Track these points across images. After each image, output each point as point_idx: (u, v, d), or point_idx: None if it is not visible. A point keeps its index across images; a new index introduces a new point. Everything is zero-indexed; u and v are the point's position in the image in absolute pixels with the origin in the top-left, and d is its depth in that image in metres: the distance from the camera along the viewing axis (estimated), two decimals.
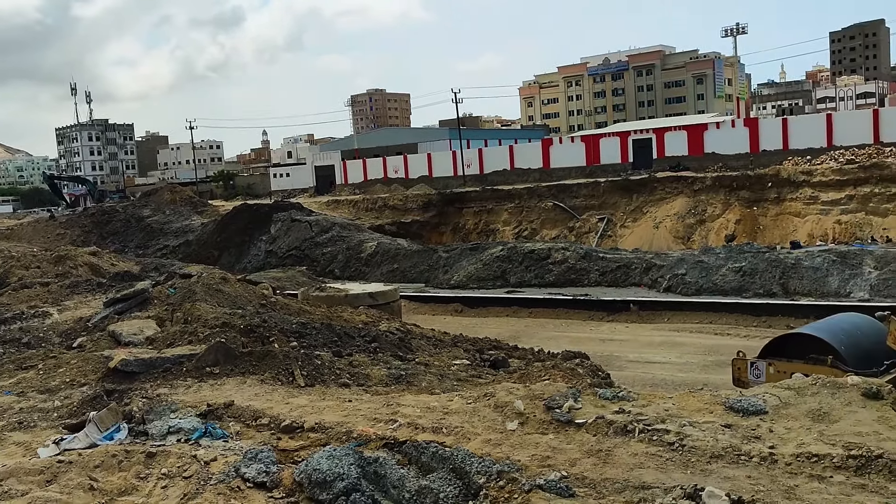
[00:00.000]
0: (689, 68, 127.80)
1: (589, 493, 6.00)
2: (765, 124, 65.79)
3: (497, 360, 12.84)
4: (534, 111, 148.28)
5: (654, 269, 31.24)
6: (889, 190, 50.18)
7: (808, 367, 12.73)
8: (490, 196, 65.19)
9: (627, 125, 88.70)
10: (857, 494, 5.59)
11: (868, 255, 27.90)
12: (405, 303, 29.16)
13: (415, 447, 7.12)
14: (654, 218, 57.42)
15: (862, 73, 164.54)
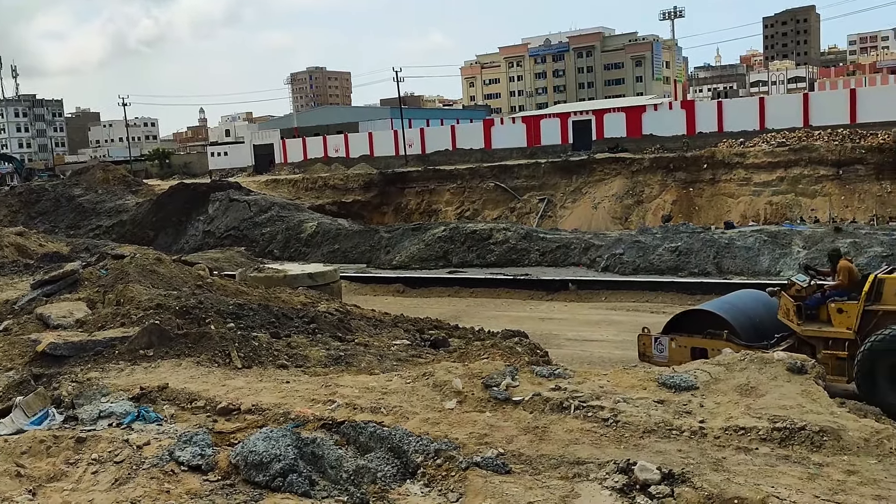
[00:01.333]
0: (629, 50, 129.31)
1: (525, 470, 6.08)
2: (701, 107, 67.12)
3: (437, 339, 12.87)
4: (476, 91, 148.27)
5: (592, 249, 31.71)
6: (817, 172, 51.84)
7: (706, 342, 13.60)
8: (432, 176, 65.07)
9: (568, 106, 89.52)
10: (780, 465, 5.79)
11: (797, 236, 28.80)
12: (346, 284, 28.97)
13: (353, 427, 7.11)
14: (594, 199, 58.22)
15: (793, 58, 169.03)
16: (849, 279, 13.18)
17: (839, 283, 13.28)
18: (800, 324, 13.20)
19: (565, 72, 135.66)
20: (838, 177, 51.28)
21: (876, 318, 12.42)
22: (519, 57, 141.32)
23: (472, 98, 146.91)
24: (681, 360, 13.35)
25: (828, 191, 51.28)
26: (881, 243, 25.97)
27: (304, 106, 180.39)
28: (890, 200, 49.47)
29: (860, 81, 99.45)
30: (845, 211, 49.45)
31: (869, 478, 5.54)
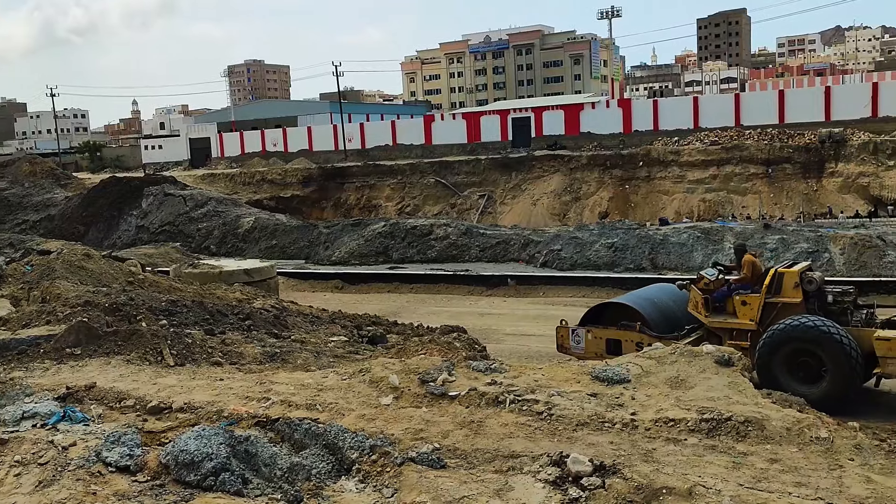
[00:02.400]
0: (567, 49, 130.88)
1: (460, 464, 6.10)
2: (637, 105, 68.42)
3: (375, 335, 12.84)
4: (416, 87, 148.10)
5: (531, 245, 32.04)
6: (748, 170, 53.43)
7: (620, 333, 14.20)
8: (372, 171, 64.82)
9: (507, 103, 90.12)
10: (708, 455, 5.95)
11: (729, 232, 29.58)
12: (284, 280, 28.66)
13: (287, 424, 7.03)
14: (533, 195, 58.84)
15: (726, 59, 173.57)
16: (752, 273, 13.77)
17: (743, 276, 13.88)
18: (707, 316, 13.80)
19: (505, 69, 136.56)
20: (768, 175, 52.95)
21: (776, 309, 13.09)
22: (459, 53, 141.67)
23: (413, 94, 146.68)
24: (596, 350, 14.06)
25: (758, 188, 52.91)
26: (807, 239, 26.88)
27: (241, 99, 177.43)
28: (816, 198, 51.29)
29: (788, 83, 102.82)
30: (774, 208, 51.10)
31: (790, 465, 5.73)
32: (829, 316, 12.85)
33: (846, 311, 13.16)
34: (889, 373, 12.41)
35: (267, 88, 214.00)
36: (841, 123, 54.46)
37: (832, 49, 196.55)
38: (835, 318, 12.83)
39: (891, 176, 49.31)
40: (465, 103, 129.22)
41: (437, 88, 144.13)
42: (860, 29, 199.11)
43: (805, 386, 11.83)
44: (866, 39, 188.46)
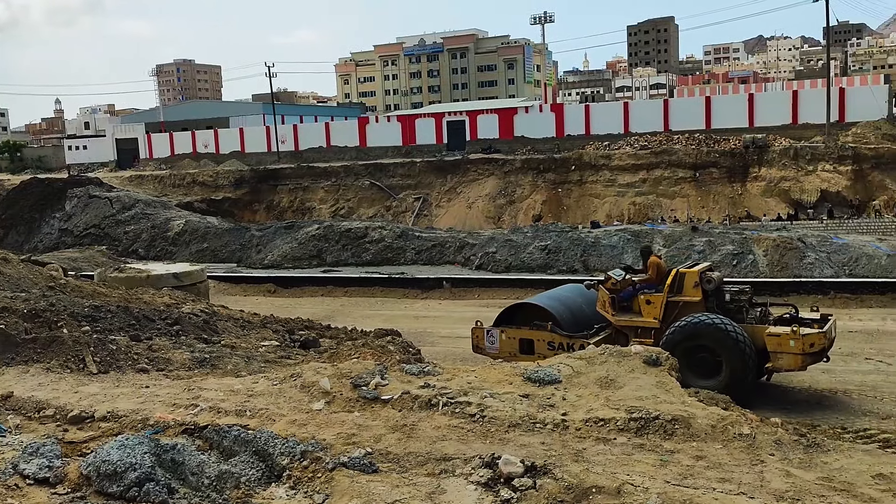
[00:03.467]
0: (501, 53, 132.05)
1: (392, 468, 6.07)
2: (569, 110, 69.47)
3: (308, 340, 12.67)
4: (350, 89, 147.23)
5: (467, 248, 32.18)
6: (676, 174, 54.83)
7: (532, 332, 14.58)
8: (306, 173, 64.15)
9: (442, 106, 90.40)
10: (636, 454, 6.05)
11: (658, 234, 30.25)
12: (215, 284, 28.08)
13: (216, 431, 6.88)
14: (468, 198, 59.15)
15: (655, 66, 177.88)
16: (657, 273, 14.26)
17: (648, 277, 14.38)
18: (614, 315, 14.28)
19: (440, 72, 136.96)
20: (695, 179, 54.44)
21: (677, 308, 13.64)
22: (394, 56, 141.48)
23: (347, 96, 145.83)
24: (510, 350, 14.46)
25: (686, 192, 54.34)
26: (733, 241, 27.67)
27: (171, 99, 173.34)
28: (741, 201, 52.97)
29: (714, 90, 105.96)
30: (701, 211, 52.55)
31: (715, 462, 5.88)
32: (726, 314, 13.46)
33: (742, 308, 13.81)
34: (779, 367, 13.09)
35: (197, 89, 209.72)
36: (764, 129, 56.39)
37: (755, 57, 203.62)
38: (732, 315, 13.45)
39: (810, 180, 51.25)
40: (400, 106, 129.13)
41: (371, 91, 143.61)
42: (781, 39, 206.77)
43: (703, 379, 12.29)
44: (787, 49, 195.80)
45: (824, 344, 12.95)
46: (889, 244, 26.81)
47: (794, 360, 12.74)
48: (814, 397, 13.48)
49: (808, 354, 12.77)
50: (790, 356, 12.72)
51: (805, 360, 12.82)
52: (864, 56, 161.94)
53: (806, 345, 12.66)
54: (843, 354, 16.00)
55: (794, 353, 12.67)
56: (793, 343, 12.65)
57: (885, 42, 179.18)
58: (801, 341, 12.63)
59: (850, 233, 36.40)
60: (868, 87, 63.76)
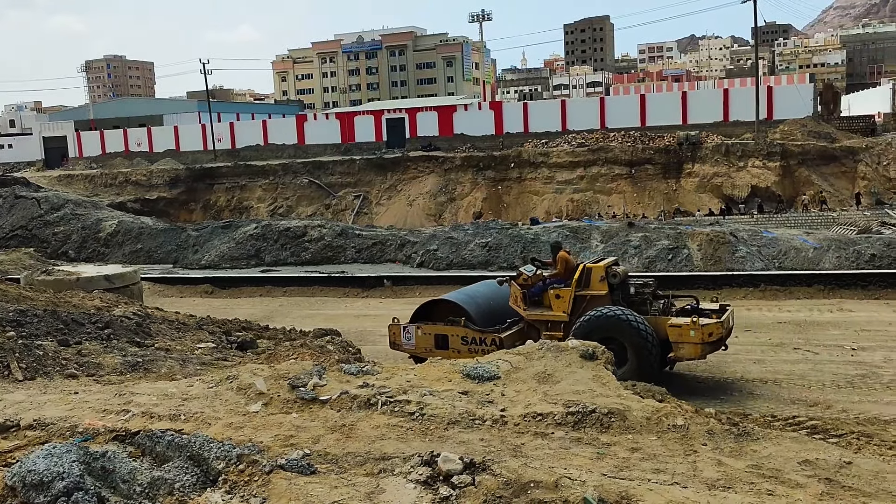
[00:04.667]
0: (440, 51, 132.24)
1: (331, 469, 6.00)
2: (508, 108, 69.99)
3: (245, 341, 12.47)
4: (288, 86, 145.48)
5: (408, 246, 32.13)
6: (613, 171, 55.79)
7: (447, 328, 14.87)
8: (243, 172, 63.20)
9: (381, 104, 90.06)
10: (574, 447, 6.12)
11: (596, 230, 30.71)
12: (150, 285, 27.43)
13: (149, 437, 6.69)
14: (408, 196, 59.11)
15: (591, 64, 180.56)
16: (565, 269, 14.63)
17: (557, 272, 14.74)
18: (526, 309, 14.62)
19: (378, 69, 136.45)
20: (631, 175, 55.49)
21: (585, 302, 14.08)
22: (332, 53, 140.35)
23: (285, 93, 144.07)
24: (426, 346, 14.71)
25: (622, 188, 55.35)
26: (668, 237, 28.27)
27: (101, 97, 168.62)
28: (675, 197, 54.21)
29: (649, 88, 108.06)
30: (637, 207, 53.59)
31: (650, 453, 5.98)
32: (631, 306, 13.95)
33: (646, 301, 14.31)
34: (680, 356, 13.55)
35: (129, 86, 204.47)
36: (697, 127, 57.80)
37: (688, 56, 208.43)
38: (636, 307, 13.94)
39: (741, 176, 52.74)
40: (339, 103, 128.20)
41: (309, 88, 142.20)
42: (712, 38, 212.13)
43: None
44: (718, 48, 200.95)
45: (722, 333, 13.51)
46: (815, 237, 27.76)
47: (694, 349, 13.27)
48: (746, 387, 13.85)
49: (706, 344, 13.29)
50: (690, 346, 13.23)
51: (704, 349, 13.35)
52: (791, 56, 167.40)
53: (705, 334, 13.18)
54: (773, 345, 16.52)
55: (694, 342, 13.18)
56: (692, 333, 13.17)
57: (810, 42, 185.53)
58: (700, 331, 13.15)
59: (779, 227, 37.59)
60: (794, 86, 65.93)
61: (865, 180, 51.60)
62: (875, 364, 14.58)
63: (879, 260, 23.80)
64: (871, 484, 5.54)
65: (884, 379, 13.66)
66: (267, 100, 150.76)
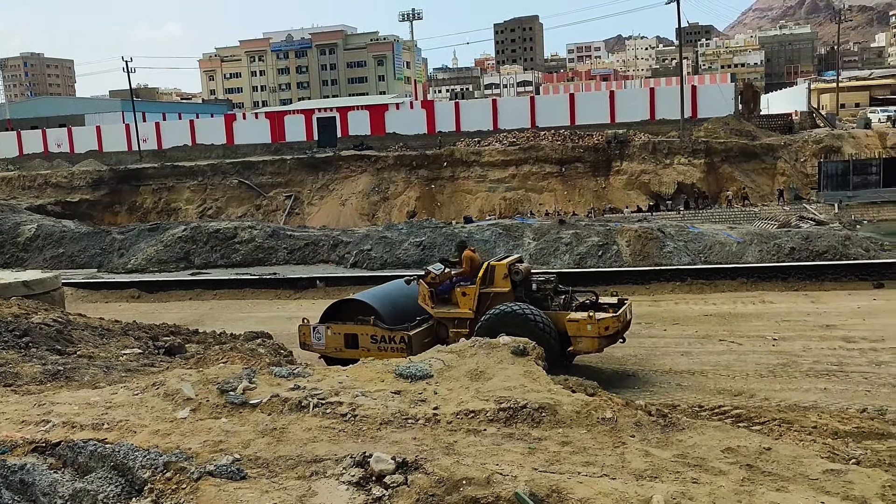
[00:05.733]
0: (371, 49, 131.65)
1: (262, 473, 5.91)
2: (440, 107, 70.18)
3: (173, 346, 12.18)
4: (216, 85, 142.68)
5: (341, 246, 31.88)
6: (544, 169, 56.50)
7: (356, 328, 15.04)
8: (170, 173, 61.73)
9: (312, 103, 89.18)
10: (505, 443, 6.17)
11: (528, 228, 31.04)
12: (72, 291, 26.56)
13: (70, 448, 6.47)
14: (341, 195, 58.70)
15: (521, 63, 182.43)
16: (471, 267, 14.99)
17: (463, 270, 15.11)
18: (433, 307, 14.94)
19: (309, 68, 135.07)
20: (562, 174, 56.32)
21: (489, 299, 14.42)
22: (261, 52, 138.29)
23: (213, 92, 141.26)
24: (336, 345, 14.88)
25: (553, 186, 56.12)
26: (598, 233, 28.76)
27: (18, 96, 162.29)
28: (605, 195, 55.25)
29: (578, 87, 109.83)
30: (568, 205, 54.42)
31: (580, 447, 6.08)
32: (533, 302, 14.31)
33: (547, 297, 14.72)
34: (578, 349, 13.98)
35: (48, 84, 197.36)
36: (624, 125, 59.03)
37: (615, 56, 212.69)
38: (538, 303, 14.33)
39: (667, 173, 54.09)
40: (268, 102, 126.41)
41: (238, 87, 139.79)
42: (638, 38, 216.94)
43: None
44: (644, 48, 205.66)
45: (618, 327, 13.97)
46: (739, 232, 28.66)
47: (592, 342, 13.69)
48: (674, 379, 14.19)
49: (603, 337, 13.71)
50: (588, 339, 13.64)
51: (601, 342, 13.76)
52: (713, 56, 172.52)
53: (601, 328, 13.60)
54: (700, 337, 16.99)
55: (591, 336, 13.58)
56: (590, 327, 13.57)
57: (731, 43, 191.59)
58: (597, 325, 13.56)
59: (705, 222, 38.71)
60: (717, 86, 67.95)
61: (784, 176, 53.56)
62: (795, 353, 15.14)
63: (798, 253, 24.73)
64: (789, 469, 5.74)
65: (803, 367, 14.19)
66: (194, 99, 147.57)
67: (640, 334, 17.44)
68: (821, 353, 14.98)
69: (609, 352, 15.72)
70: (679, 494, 5.02)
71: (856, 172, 49.64)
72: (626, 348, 16.12)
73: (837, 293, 20.69)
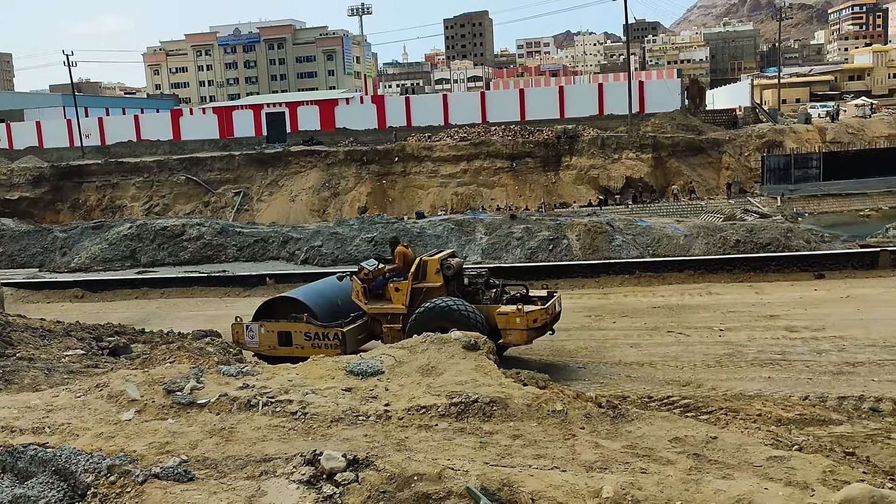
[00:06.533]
0: (320, 44, 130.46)
1: (210, 474, 5.80)
2: (391, 102, 69.91)
3: (118, 346, 11.90)
4: (161, 80, 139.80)
5: (291, 242, 31.60)
6: (495, 164, 56.74)
7: (289, 325, 15.10)
8: (115, 169, 60.38)
9: (261, 98, 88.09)
10: (457, 438, 6.17)
11: (480, 223, 31.15)
12: (12, 291, 25.78)
13: (9, 453, 6.27)
14: (291, 191, 58.11)
15: (471, 59, 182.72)
16: (403, 262, 15.07)
17: (396, 266, 15.17)
18: (367, 303, 15.01)
19: (257, 63, 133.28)
20: (513, 169, 56.63)
21: (422, 294, 14.55)
22: (207, 46, 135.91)
23: (158, 87, 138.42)
24: (269, 343, 14.92)
25: (504, 182, 56.41)
26: (548, 227, 29.01)
27: None
28: (555, 189, 55.74)
29: (528, 82, 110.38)
30: (519, 199, 54.78)
31: (531, 440, 6.11)
32: (465, 296, 14.51)
33: (478, 290, 14.94)
34: (508, 342, 14.22)
35: None
36: (573, 120, 59.60)
37: (564, 52, 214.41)
38: (469, 297, 14.53)
39: (616, 168, 54.81)
40: (216, 97, 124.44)
41: (184, 82, 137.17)
42: (587, 34, 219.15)
43: None
44: (592, 44, 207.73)
45: (546, 319, 14.20)
46: (686, 225, 29.20)
47: (521, 335, 13.92)
48: (624, 370, 14.38)
49: (532, 329, 13.93)
50: (517, 332, 13.85)
51: (530, 334, 13.99)
52: (660, 52, 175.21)
53: (529, 321, 13.81)
54: (649, 329, 17.25)
55: (520, 328, 13.79)
56: (518, 320, 13.77)
57: (677, 39, 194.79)
58: (525, 318, 13.77)
59: (653, 216, 39.36)
60: (664, 81, 69.10)
61: (729, 170, 54.73)
62: (740, 343, 15.47)
63: (743, 245, 25.29)
64: (734, 456, 5.86)
65: (748, 357, 14.51)
66: (139, 94, 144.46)
67: (591, 327, 17.65)
68: (765, 343, 15.33)
69: (560, 344, 15.89)
70: (628, 485, 5.08)
71: (797, 166, 51.01)
72: (577, 341, 16.30)
73: (780, 284, 21.21)
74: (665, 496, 4.97)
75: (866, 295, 19.12)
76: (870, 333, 15.40)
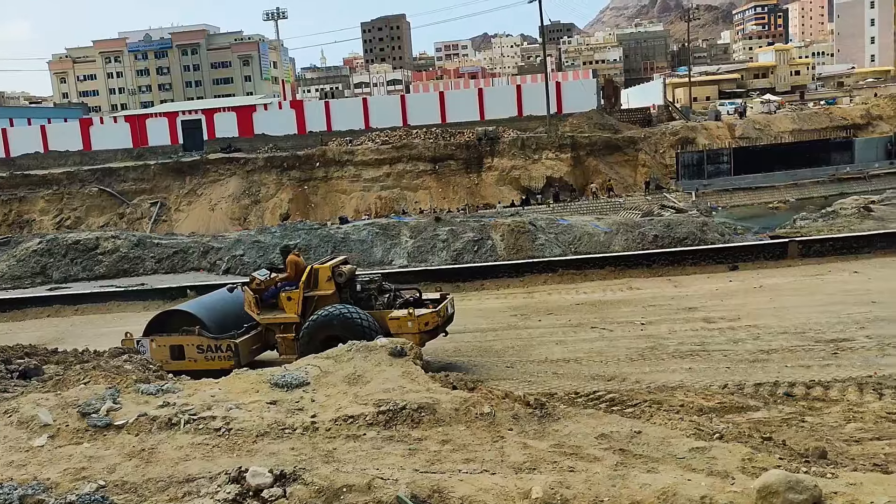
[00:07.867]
0: (235, 49, 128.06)
1: (130, 499, 5.60)
2: (310, 106, 69.11)
3: (28, 368, 11.33)
4: (69, 88, 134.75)
5: (212, 252, 30.90)
6: (418, 167, 56.73)
7: (181, 338, 14.90)
8: (21, 182, 57.83)
9: (175, 105, 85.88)
10: (386, 446, 6.12)
11: (405, 227, 31.09)
12: None
13: None
14: (210, 200, 56.80)
15: (390, 62, 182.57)
16: (295, 271, 15.02)
17: (287, 275, 15.14)
18: (259, 313, 14.94)
19: (170, 69, 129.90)
20: (435, 171, 56.73)
21: (314, 302, 14.55)
22: (117, 52, 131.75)
23: (66, 95, 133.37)
24: (161, 357, 14.50)
25: (428, 184, 56.45)
26: (473, 229, 29.19)
27: None
28: (478, 191, 56.10)
29: (447, 85, 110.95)
30: (443, 202, 54.92)
31: (460, 444, 6.11)
32: (358, 303, 14.55)
33: (371, 296, 15.03)
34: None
35: None
36: (493, 122, 60.13)
37: (482, 54, 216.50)
38: (362, 304, 14.59)
39: (537, 168, 55.55)
40: (128, 105, 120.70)
41: (93, 90, 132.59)
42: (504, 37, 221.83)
43: None
44: (509, 46, 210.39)
45: (438, 321, 14.39)
46: (605, 222, 29.81)
47: (413, 339, 13.83)
48: (551, 367, 14.54)
49: (424, 332, 14.11)
50: (409, 335, 13.84)
51: (422, 337, 14.12)
52: (575, 53, 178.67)
53: (421, 324, 14.02)
54: (573, 325, 17.52)
55: (412, 332, 13.89)
56: (410, 324, 13.97)
57: (591, 40, 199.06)
58: (417, 321, 13.98)
59: (573, 214, 40.06)
60: (580, 82, 70.43)
61: (646, 167, 56.16)
62: (661, 336, 15.86)
63: (661, 240, 26.00)
64: (658, 449, 5.99)
65: (669, 349, 14.89)
66: (45, 103, 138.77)
67: (517, 326, 17.82)
68: (685, 335, 15.76)
69: (488, 344, 16.00)
70: (557, 484, 5.12)
71: (709, 162, 52.79)
72: (504, 340, 16.42)
73: (697, 276, 21.87)
74: (593, 493, 5.03)
75: (777, 284, 19.90)
76: (782, 321, 16.01)
